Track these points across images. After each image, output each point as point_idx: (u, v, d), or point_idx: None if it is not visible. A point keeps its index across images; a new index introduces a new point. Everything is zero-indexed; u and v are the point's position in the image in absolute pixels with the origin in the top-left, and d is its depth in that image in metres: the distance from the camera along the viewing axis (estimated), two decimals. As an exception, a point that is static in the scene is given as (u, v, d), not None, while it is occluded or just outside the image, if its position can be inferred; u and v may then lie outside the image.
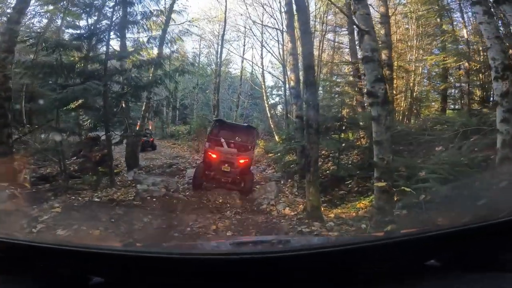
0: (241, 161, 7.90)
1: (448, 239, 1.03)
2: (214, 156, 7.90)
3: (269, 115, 18.05)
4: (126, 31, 8.56)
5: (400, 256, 1.01)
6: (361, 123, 8.71)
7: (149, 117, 10.94)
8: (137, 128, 11.14)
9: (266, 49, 18.79)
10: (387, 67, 9.24)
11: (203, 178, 7.87)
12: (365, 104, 9.52)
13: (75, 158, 10.22)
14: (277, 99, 26.07)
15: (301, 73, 8.97)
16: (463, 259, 1.06)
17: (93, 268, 1.03)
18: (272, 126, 17.60)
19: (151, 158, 13.90)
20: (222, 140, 8.43)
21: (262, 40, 18.34)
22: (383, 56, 9.25)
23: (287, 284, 0.95)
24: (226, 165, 7.70)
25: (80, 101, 6.96)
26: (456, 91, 10.61)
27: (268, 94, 25.77)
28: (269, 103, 19.25)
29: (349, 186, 7.13)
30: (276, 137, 17.03)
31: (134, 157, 10.78)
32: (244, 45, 20.35)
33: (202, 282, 0.96)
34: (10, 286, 1.00)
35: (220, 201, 7.03)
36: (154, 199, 6.50)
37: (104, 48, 8.13)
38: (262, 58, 19.51)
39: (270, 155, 11.81)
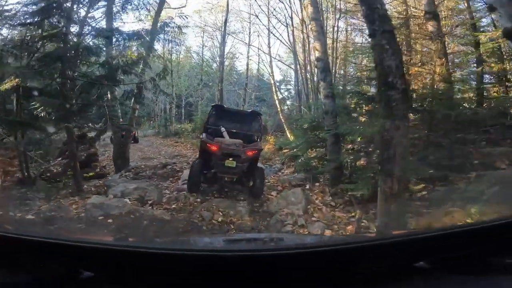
0: (249, 153, 6.18)
1: (437, 242, 1.00)
2: (214, 148, 6.05)
3: (279, 108, 16.01)
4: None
5: (391, 257, 0.98)
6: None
7: (135, 106, 9.00)
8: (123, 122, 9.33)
9: (275, 36, 16.51)
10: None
11: (200, 178, 6.17)
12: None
13: (60, 158, 8.59)
14: (285, 93, 24.05)
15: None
16: (452, 262, 1.00)
17: (84, 263, 0.98)
18: (282, 120, 15.55)
19: (148, 157, 12.26)
20: (223, 129, 6.73)
21: (269, 26, 16.17)
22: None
23: (279, 282, 0.92)
24: (230, 159, 5.94)
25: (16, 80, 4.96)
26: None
27: (277, 88, 23.90)
28: (279, 97, 17.07)
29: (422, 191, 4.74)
30: (287, 132, 15.08)
31: (122, 157, 8.94)
32: (250, 35, 18.10)
33: (194, 278, 0.92)
34: None
35: (220, 219, 4.86)
36: (109, 220, 4.38)
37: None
38: (269, 47, 17.23)
39: (285, 151, 9.70)
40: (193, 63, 25.46)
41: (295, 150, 8.97)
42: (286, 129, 15.37)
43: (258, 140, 6.97)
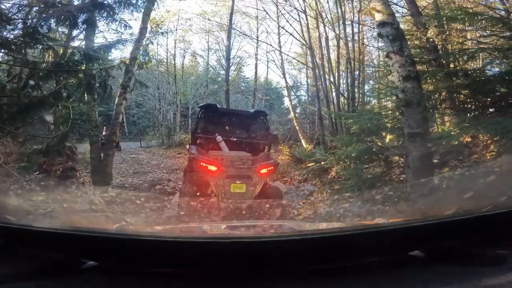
0: (263, 170, 4.32)
1: (433, 231, 0.98)
2: (213, 170, 4.11)
3: (292, 114, 13.90)
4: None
5: (387, 245, 0.97)
6: None
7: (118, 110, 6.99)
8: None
9: (287, 32, 14.43)
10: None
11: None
12: None
13: (37, 173, 7.06)
14: (295, 100, 21.89)
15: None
16: (446, 251, 1.01)
17: (86, 252, 0.97)
18: (297, 128, 13.42)
19: (143, 171, 10.26)
20: (219, 138, 4.84)
21: (278, 22, 14.16)
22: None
23: (278, 268, 0.92)
24: (238, 181, 4.12)
25: None
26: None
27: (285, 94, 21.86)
28: (292, 102, 14.97)
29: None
30: (303, 142, 12.94)
31: (103, 172, 6.91)
32: (258, 35, 16.09)
33: (195, 265, 0.93)
34: (1, 270, 0.93)
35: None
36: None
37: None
38: (280, 46, 15.17)
39: (310, 164, 7.49)
40: (199, 71, 23.70)
41: (322, 163, 6.79)
42: (301, 137, 13.25)
43: (267, 150, 5.11)
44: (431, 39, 5.34)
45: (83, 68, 5.18)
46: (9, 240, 0.95)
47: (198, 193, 4.15)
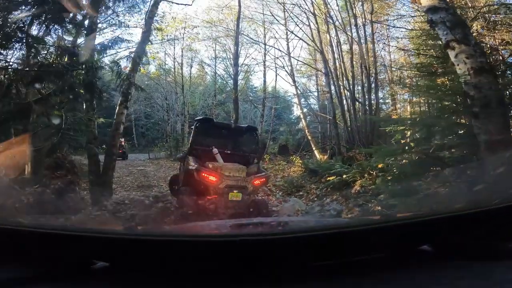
0: (257, 182, 4.87)
1: (442, 225, 0.94)
2: (213, 180, 4.53)
3: (304, 123, 13.07)
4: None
5: (396, 240, 0.94)
6: None
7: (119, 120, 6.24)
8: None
9: (297, 36, 13.65)
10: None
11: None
12: None
13: (36, 186, 6.33)
14: (305, 109, 21.03)
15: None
16: (456, 245, 0.97)
17: (96, 253, 0.94)
18: (309, 137, 12.58)
19: (147, 185, 9.61)
20: (215, 150, 5.01)
21: (286, 26, 13.45)
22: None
23: (287, 265, 0.90)
24: (235, 191, 4.60)
25: None
26: None
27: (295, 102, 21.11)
28: (303, 110, 14.14)
29: None
30: (316, 152, 12.07)
31: (102, 186, 6.15)
32: (265, 41, 15.39)
33: (203, 263, 0.89)
34: (11, 272, 0.91)
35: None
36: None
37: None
38: (289, 52, 14.45)
39: (331, 178, 6.56)
40: (207, 81, 23.18)
41: (344, 176, 5.91)
42: (313, 148, 12.38)
43: (257, 162, 5.38)
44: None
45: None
46: (20, 242, 0.91)
47: (197, 202, 4.33)
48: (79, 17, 4.74)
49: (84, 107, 5.89)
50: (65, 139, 4.83)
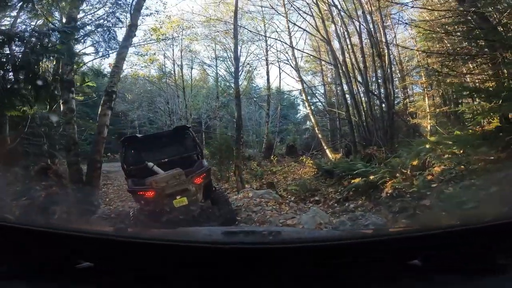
0: (198, 180, 4.52)
1: (432, 240, 0.93)
2: (149, 195, 4.25)
3: (313, 121, 11.96)
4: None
5: (386, 254, 0.93)
6: None
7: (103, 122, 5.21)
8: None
9: (301, 28, 12.52)
10: None
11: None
12: None
13: (24, 198, 5.71)
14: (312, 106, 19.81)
15: None
16: (445, 261, 0.94)
17: (83, 253, 0.94)
18: (319, 136, 11.45)
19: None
20: (150, 164, 4.68)
21: (287, 13, 12.33)
22: None
23: (276, 275, 0.88)
24: (178, 197, 4.28)
25: None
26: None
27: (301, 100, 19.99)
28: (311, 106, 13.01)
29: None
30: (328, 152, 10.93)
31: (86, 199, 5.15)
32: (266, 33, 14.25)
33: (192, 269, 0.89)
34: None
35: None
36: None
37: None
38: (292, 47, 13.31)
39: (356, 180, 5.37)
40: (210, 83, 22.20)
41: (372, 177, 4.79)
42: (324, 146, 11.25)
43: (199, 157, 5.19)
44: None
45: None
46: (6, 238, 0.88)
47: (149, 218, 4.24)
48: None
49: (62, 108, 4.90)
50: (21, 144, 3.82)
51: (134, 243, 0.90)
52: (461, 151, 4.51)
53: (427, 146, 4.90)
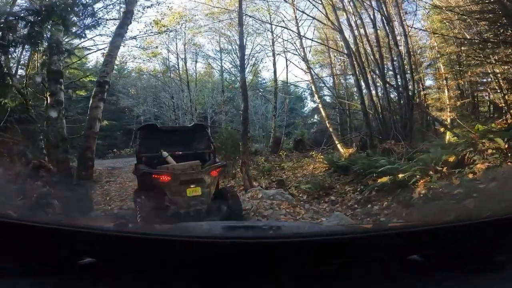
0: (214, 172, 4.44)
1: (431, 236, 0.91)
2: (165, 179, 4.08)
3: (323, 114, 11.24)
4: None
5: (386, 249, 0.91)
6: None
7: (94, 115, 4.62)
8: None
9: (309, 16, 11.67)
10: None
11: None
12: None
13: (20, 198, 5.45)
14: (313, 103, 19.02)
15: None
16: (445, 257, 0.93)
17: (84, 249, 0.92)
18: (330, 129, 10.75)
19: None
20: (165, 153, 4.53)
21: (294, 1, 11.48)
22: None
23: (276, 270, 0.87)
24: (192, 185, 4.15)
25: None
26: None
27: (309, 93, 19.21)
28: (321, 99, 12.26)
29: None
30: (339, 147, 10.25)
31: (78, 201, 4.59)
32: (271, 21, 13.39)
33: (192, 264, 0.88)
34: None
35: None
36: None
37: None
38: (300, 36, 12.49)
39: (384, 179, 4.59)
40: (215, 77, 21.52)
41: (401, 175, 4.10)
42: (336, 141, 10.56)
43: (213, 158, 5.07)
44: None
45: None
46: (7, 235, 0.86)
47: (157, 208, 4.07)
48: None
49: (49, 101, 4.31)
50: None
51: (136, 238, 0.88)
52: (506, 146, 3.82)
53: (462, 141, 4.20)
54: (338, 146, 10.29)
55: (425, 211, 3.48)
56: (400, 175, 4.15)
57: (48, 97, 4.39)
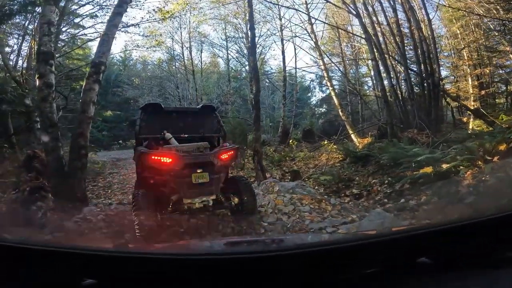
0: (224, 156, 3.70)
1: (438, 237, 0.88)
2: (168, 161, 3.40)
3: (336, 102, 10.56)
4: None
5: (392, 254, 0.87)
6: None
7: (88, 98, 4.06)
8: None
9: None
10: None
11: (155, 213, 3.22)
12: None
13: (14, 191, 4.95)
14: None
15: None
16: (454, 256, 0.90)
17: (85, 270, 0.89)
18: (343, 118, 10.10)
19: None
20: (168, 135, 3.90)
21: None
22: None
23: (280, 284, 0.82)
24: (199, 170, 3.44)
25: None
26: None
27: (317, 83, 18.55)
28: (333, 86, 11.55)
29: None
30: (353, 136, 9.62)
31: (70, 193, 4.06)
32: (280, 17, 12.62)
33: (195, 282, 0.84)
34: None
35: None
36: None
37: None
38: (311, 23, 11.70)
39: (427, 170, 3.88)
40: (221, 67, 20.80)
41: (445, 165, 3.48)
42: (350, 131, 9.93)
43: (223, 142, 4.34)
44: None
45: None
46: (6, 258, 0.84)
47: (156, 198, 3.47)
48: None
49: (38, 82, 3.75)
50: None
51: (136, 258, 0.87)
52: None
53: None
54: (352, 136, 9.66)
55: (479, 207, 3.05)
56: (444, 165, 3.53)
57: (37, 80, 3.83)
